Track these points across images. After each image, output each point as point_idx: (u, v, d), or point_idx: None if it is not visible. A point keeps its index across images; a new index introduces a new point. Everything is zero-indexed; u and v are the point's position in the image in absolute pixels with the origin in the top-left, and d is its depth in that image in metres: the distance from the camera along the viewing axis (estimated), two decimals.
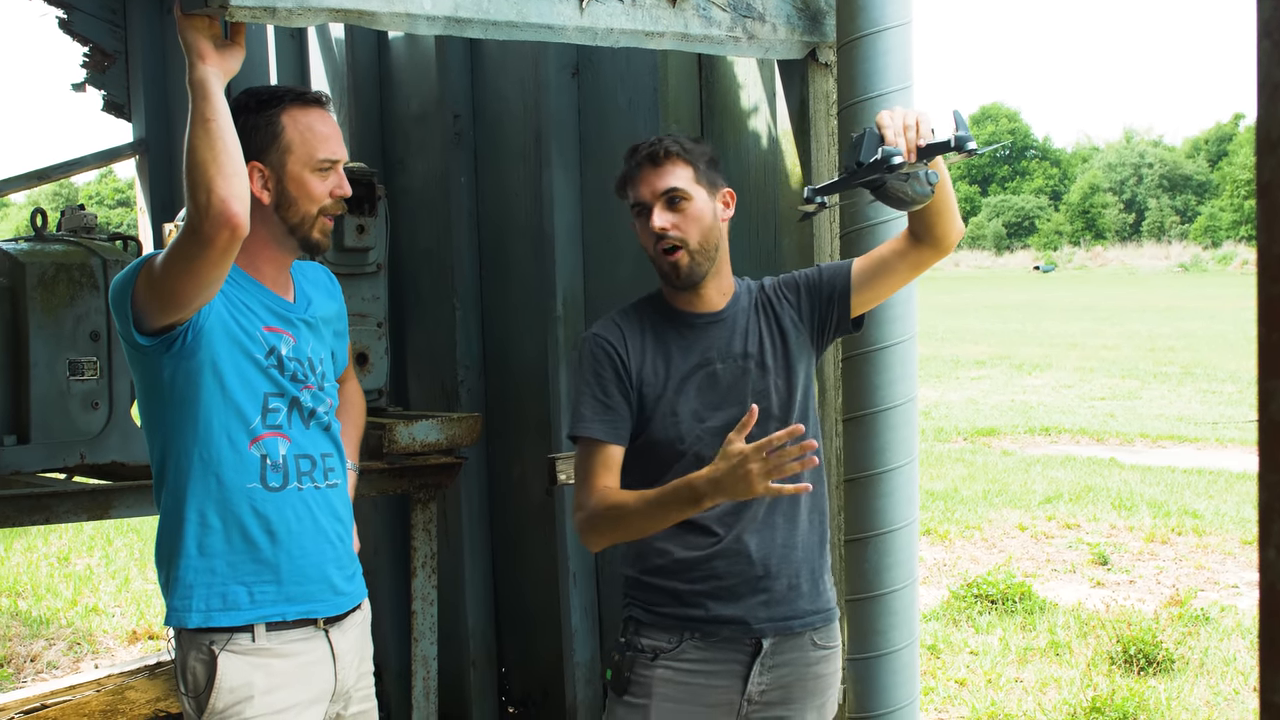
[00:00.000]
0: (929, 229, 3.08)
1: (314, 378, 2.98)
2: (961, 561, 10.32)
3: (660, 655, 3.12)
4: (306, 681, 2.93)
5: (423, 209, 5.90)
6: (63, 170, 6.74)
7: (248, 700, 2.85)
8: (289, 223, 2.90)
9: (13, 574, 10.22)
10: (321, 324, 3.06)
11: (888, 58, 3.93)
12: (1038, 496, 12.67)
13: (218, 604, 2.85)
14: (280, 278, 2.99)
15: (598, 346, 3.13)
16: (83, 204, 5.11)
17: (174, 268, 2.64)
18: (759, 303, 3.24)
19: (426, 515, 4.86)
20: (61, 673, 7.76)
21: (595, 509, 3.04)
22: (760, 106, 4.53)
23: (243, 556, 2.86)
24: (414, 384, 6.00)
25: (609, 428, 3.08)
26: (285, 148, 2.87)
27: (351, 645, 3.05)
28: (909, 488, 4.06)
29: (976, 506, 12.28)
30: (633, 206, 3.11)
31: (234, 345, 2.82)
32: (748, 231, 4.58)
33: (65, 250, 4.77)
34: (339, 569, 3.02)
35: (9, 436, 4.55)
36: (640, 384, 3.10)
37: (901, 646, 4.07)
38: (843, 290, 3.21)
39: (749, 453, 2.73)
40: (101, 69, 6.93)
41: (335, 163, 2.93)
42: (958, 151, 2.84)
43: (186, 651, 2.88)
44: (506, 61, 5.49)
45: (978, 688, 7.12)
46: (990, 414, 19.04)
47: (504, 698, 5.88)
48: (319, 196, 2.90)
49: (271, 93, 2.95)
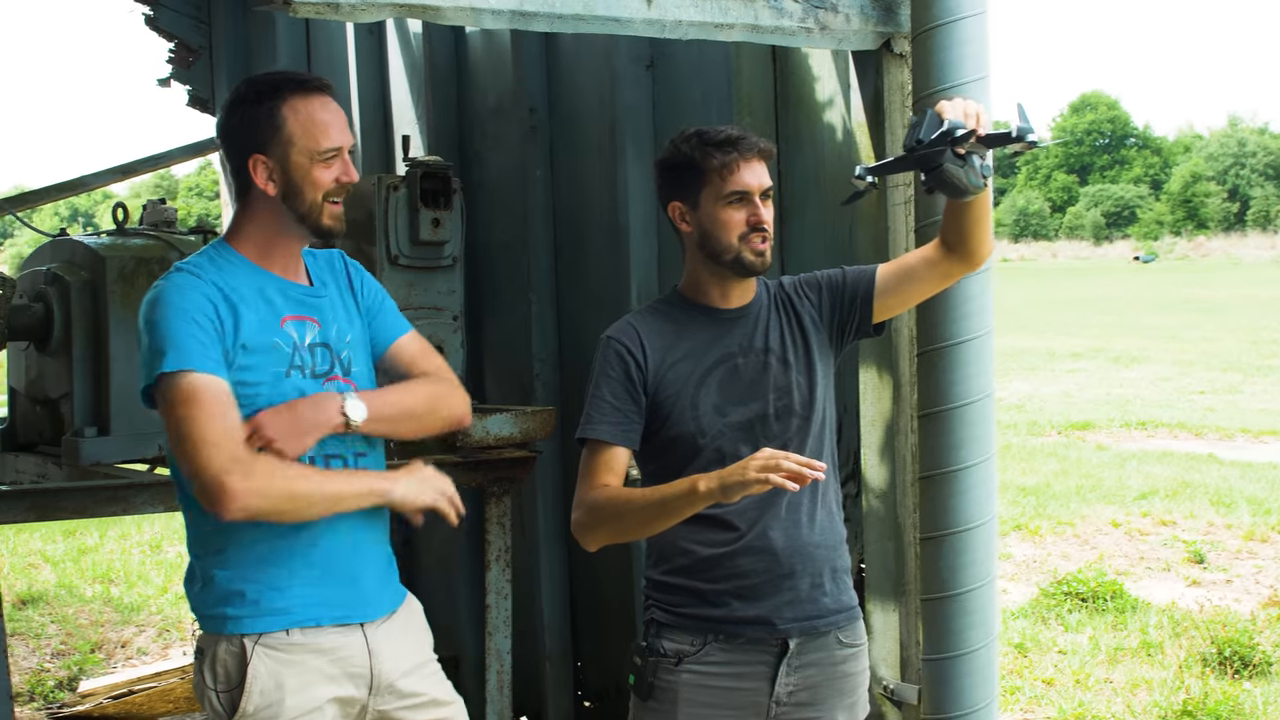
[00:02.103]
0: (964, 238, 3.06)
1: (340, 365, 2.94)
2: (1052, 558, 10.17)
3: (684, 659, 3.08)
4: (338, 675, 2.90)
5: (499, 202, 5.90)
6: (148, 164, 6.83)
7: (279, 702, 2.83)
8: (297, 212, 2.88)
9: (106, 561, 10.40)
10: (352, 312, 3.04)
11: (964, 48, 3.86)
12: (1133, 492, 12.45)
13: (250, 610, 2.83)
14: (291, 264, 2.96)
15: (612, 349, 3.10)
16: (164, 198, 5.16)
17: (181, 442, 2.74)
18: (779, 300, 3.21)
19: (500, 509, 4.85)
20: (150, 659, 7.89)
21: (593, 506, 3.02)
22: (835, 98, 4.47)
23: (276, 561, 2.84)
24: (490, 377, 6.00)
25: (616, 430, 3.05)
26: (287, 140, 2.84)
27: (392, 641, 3.00)
28: (987, 485, 3.98)
29: (1069, 502, 12.10)
30: (730, 194, 3.04)
31: (262, 366, 2.82)
32: (822, 225, 4.53)
33: (145, 244, 4.83)
34: (374, 572, 2.99)
35: (90, 429, 4.61)
36: (659, 382, 3.07)
37: (978, 647, 3.99)
38: (865, 294, 3.18)
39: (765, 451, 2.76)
40: (186, 64, 7.00)
41: (339, 150, 2.89)
42: (1019, 141, 2.81)
43: (216, 644, 2.86)
44: (581, 55, 5.48)
45: (1065, 688, 7.00)
46: (1085, 407, 18.77)
47: (580, 691, 5.87)
48: (324, 184, 2.87)
49: (271, 82, 2.90)
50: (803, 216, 4.63)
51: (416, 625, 3.12)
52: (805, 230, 4.63)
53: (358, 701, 2.94)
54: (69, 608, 9.03)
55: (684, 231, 3.13)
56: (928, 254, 3.16)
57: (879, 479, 4.29)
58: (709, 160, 3.04)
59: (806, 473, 2.70)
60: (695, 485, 2.82)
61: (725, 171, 3.03)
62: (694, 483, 2.83)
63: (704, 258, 3.11)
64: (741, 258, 3.07)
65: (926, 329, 3.93)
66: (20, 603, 9.12)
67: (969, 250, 3.08)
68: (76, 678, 7.43)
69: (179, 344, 2.72)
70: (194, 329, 2.74)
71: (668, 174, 3.14)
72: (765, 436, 3.06)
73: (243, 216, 2.93)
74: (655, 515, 2.95)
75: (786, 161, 4.58)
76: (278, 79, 2.91)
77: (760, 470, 2.72)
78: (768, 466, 2.72)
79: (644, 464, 3.15)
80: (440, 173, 4.92)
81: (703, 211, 3.07)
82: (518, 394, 5.76)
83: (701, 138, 3.07)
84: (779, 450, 2.78)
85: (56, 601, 9.21)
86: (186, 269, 2.84)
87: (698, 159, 3.05)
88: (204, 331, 2.75)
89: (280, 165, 2.84)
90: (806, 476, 2.71)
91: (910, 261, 3.20)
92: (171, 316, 2.74)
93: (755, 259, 3.08)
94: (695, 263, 3.15)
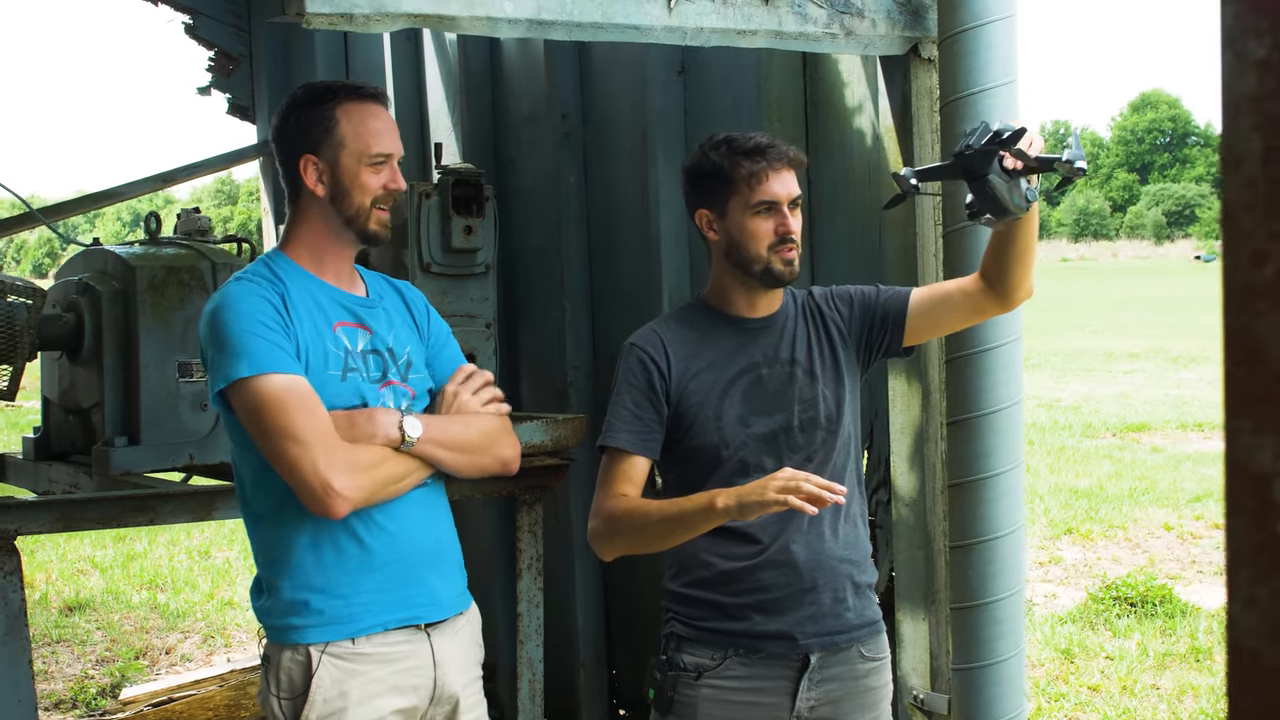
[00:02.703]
0: (1003, 273, 3.01)
1: (396, 369, 2.96)
2: (1102, 562, 10.05)
3: (704, 674, 3.05)
4: (403, 686, 2.91)
5: (533, 209, 5.90)
6: (186, 173, 6.86)
7: (342, 712, 2.84)
8: (344, 215, 2.90)
9: (154, 567, 10.48)
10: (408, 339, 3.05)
11: (991, 52, 3.83)
12: (1186, 495, 12.30)
13: (315, 620, 2.84)
14: (344, 271, 2.99)
15: (635, 358, 3.09)
16: (197, 207, 5.18)
17: (276, 444, 2.75)
18: (807, 310, 3.17)
19: (532, 517, 4.84)
20: (195, 665, 7.94)
21: (610, 515, 2.99)
22: (864, 104, 4.44)
23: (340, 569, 2.84)
24: (525, 384, 6.00)
25: (636, 439, 3.03)
26: (339, 142, 2.88)
27: (456, 650, 3.01)
28: (1015, 493, 3.95)
29: (1122, 505, 11.97)
30: (759, 204, 3.01)
31: (315, 370, 2.83)
32: (851, 231, 4.50)
33: (176, 254, 4.84)
34: (439, 573, 2.99)
35: (120, 438, 4.63)
36: (682, 391, 3.04)
37: (1008, 657, 3.96)
38: (898, 316, 3.13)
39: (786, 472, 2.73)
40: (226, 73, 7.04)
41: (389, 157, 2.93)
42: (1068, 166, 2.78)
43: (281, 653, 2.88)
44: (614, 61, 5.47)
45: (1111, 694, 6.91)
46: (1142, 409, 18.57)
47: (615, 700, 5.85)
48: (372, 189, 2.90)
49: (327, 87, 2.96)
50: (832, 223, 4.60)
51: (475, 637, 3.13)
52: (835, 236, 4.60)
53: (419, 711, 2.96)
54: (115, 614, 9.10)
55: (711, 240, 3.10)
56: (964, 285, 3.11)
57: (909, 487, 4.26)
58: (738, 169, 3.00)
59: (826, 496, 2.67)
60: (713, 501, 2.79)
61: (754, 181, 3.00)
62: (712, 499, 2.80)
63: (731, 266, 3.09)
64: (771, 268, 3.04)
65: (955, 335, 3.90)
66: (67, 609, 9.20)
67: (1007, 288, 3.03)
68: (119, 685, 7.47)
69: (252, 349, 2.74)
70: (264, 330, 2.76)
71: (695, 181, 3.11)
72: (789, 448, 3.04)
73: (295, 222, 2.96)
74: (672, 529, 2.93)
75: (816, 167, 4.55)
76: (334, 85, 2.98)
77: (780, 491, 2.69)
78: (787, 488, 2.69)
79: (666, 473, 3.13)
80: (472, 180, 4.92)
81: (730, 220, 3.04)
82: (552, 401, 5.76)
83: (730, 145, 3.03)
84: (799, 471, 2.75)
85: (103, 608, 9.28)
86: (245, 277, 2.87)
87: (726, 167, 3.01)
88: (274, 333, 2.77)
89: (330, 167, 2.88)
90: (826, 500, 2.68)
91: (947, 289, 3.16)
92: (240, 322, 2.76)
93: (784, 269, 3.05)
94: (721, 271, 3.13)
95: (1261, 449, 0.89)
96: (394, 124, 2.99)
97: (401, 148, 2.99)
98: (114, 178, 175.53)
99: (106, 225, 77.67)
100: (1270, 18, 0.86)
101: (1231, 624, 0.91)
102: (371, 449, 2.81)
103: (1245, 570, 0.91)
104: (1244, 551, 0.91)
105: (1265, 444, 0.88)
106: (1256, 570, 0.89)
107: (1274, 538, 0.88)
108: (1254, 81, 0.87)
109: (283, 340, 2.78)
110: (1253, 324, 0.89)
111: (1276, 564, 0.88)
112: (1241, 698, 0.91)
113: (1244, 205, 0.90)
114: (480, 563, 6.00)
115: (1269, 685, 0.88)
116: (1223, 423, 0.92)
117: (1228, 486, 0.93)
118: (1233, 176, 0.91)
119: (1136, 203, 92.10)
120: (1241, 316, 0.90)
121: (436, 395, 3.05)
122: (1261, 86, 0.87)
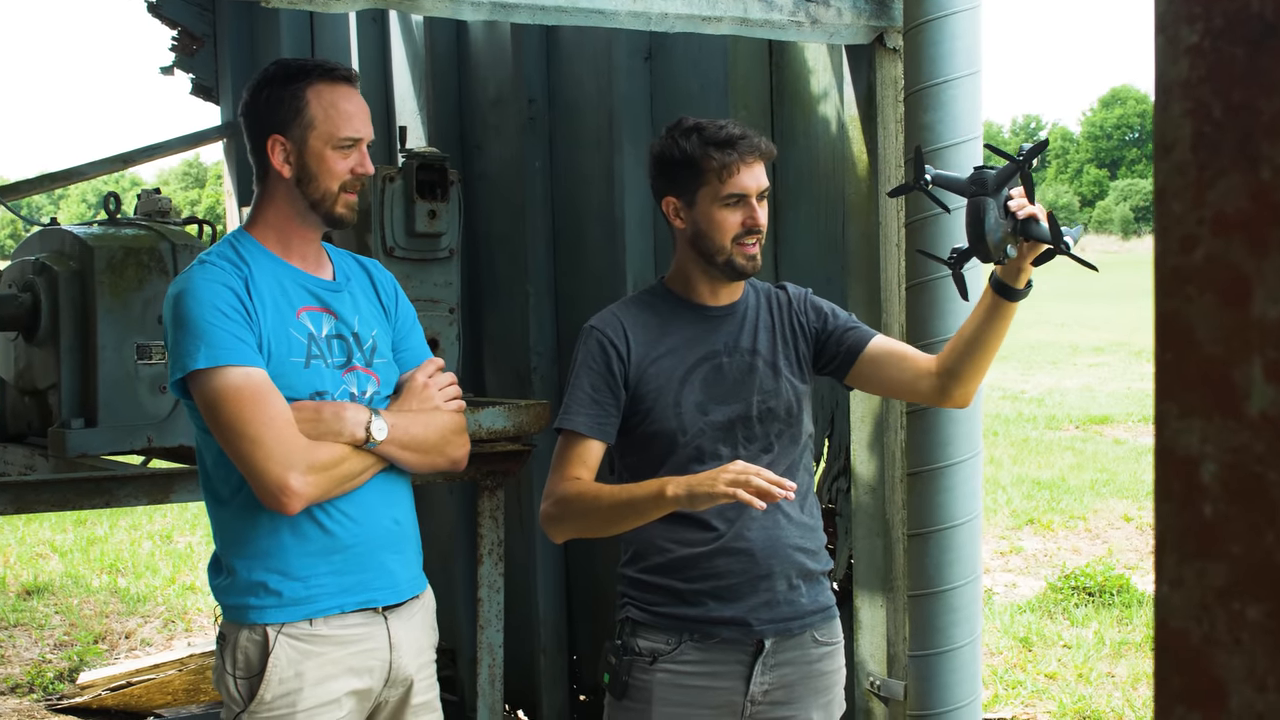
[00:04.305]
0: (958, 364, 3.02)
1: (361, 354, 2.95)
2: (1062, 552, 10.11)
3: (659, 658, 3.06)
4: (359, 668, 2.91)
5: (498, 194, 5.88)
6: (147, 154, 6.82)
7: (298, 692, 2.84)
8: (310, 198, 2.88)
9: (115, 551, 10.42)
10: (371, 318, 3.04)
11: (956, 43, 3.84)
12: (1146, 487, 12.35)
13: (273, 601, 2.84)
14: (310, 252, 2.97)
15: (595, 340, 3.08)
16: (158, 189, 5.15)
17: (232, 441, 2.75)
18: (776, 302, 3.19)
19: (493, 503, 4.83)
20: (154, 650, 7.90)
21: (561, 498, 3.00)
22: (829, 92, 4.44)
23: (300, 551, 2.84)
24: (489, 370, 5.99)
25: (592, 423, 3.03)
26: (308, 123, 2.86)
27: (411, 633, 3.02)
28: (973, 482, 3.96)
29: (1083, 496, 12.04)
30: (729, 196, 3.00)
31: (278, 358, 2.82)
32: (814, 218, 4.50)
33: (135, 235, 4.81)
34: (398, 556, 2.99)
35: (77, 420, 4.60)
36: (641, 375, 3.05)
37: (963, 644, 3.97)
38: (850, 351, 3.14)
39: (738, 465, 2.74)
40: (190, 52, 6.99)
41: (358, 141, 2.91)
42: (1056, 241, 2.78)
43: (238, 632, 2.87)
44: (581, 46, 5.45)
45: (1068, 682, 6.96)
46: (1105, 402, 18.68)
47: (575, 685, 5.85)
48: (339, 174, 2.88)
49: (300, 66, 2.93)
50: (796, 210, 4.61)
51: (430, 621, 3.13)
52: (798, 224, 4.60)
53: (374, 693, 2.97)
54: (74, 598, 9.05)
55: (677, 227, 3.10)
56: (919, 361, 3.12)
57: (868, 474, 4.27)
58: (708, 160, 2.99)
59: (776, 491, 2.68)
60: (664, 490, 2.80)
61: (725, 174, 2.99)
62: (662, 487, 2.81)
63: (695, 255, 3.09)
64: (733, 260, 3.04)
65: (916, 324, 3.91)
66: (25, 593, 9.14)
67: (958, 379, 3.04)
68: (77, 669, 7.43)
69: (212, 338, 2.73)
70: (225, 321, 2.74)
71: (663, 168, 3.09)
72: (746, 438, 3.05)
73: (261, 202, 2.94)
74: (622, 515, 2.94)
75: (780, 155, 4.52)
76: (307, 65, 2.94)
77: (730, 484, 2.70)
78: (737, 481, 2.70)
79: (622, 456, 3.13)
80: (436, 164, 4.90)
81: (698, 210, 3.04)
82: (515, 386, 5.75)
83: (701, 135, 3.02)
84: (750, 465, 2.75)
85: (62, 592, 9.23)
86: (209, 260, 2.85)
87: (697, 157, 3.00)
88: (235, 323, 2.75)
89: (298, 148, 2.86)
90: (775, 495, 2.69)
91: (904, 353, 3.16)
92: (201, 310, 2.75)
93: (746, 263, 3.05)
94: (685, 258, 3.12)
95: (1189, 433, 0.89)
96: (365, 107, 2.96)
97: (372, 132, 2.97)
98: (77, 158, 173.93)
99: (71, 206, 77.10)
100: (1203, 4, 0.87)
101: (1160, 604, 0.92)
102: (333, 447, 2.81)
103: (1172, 553, 0.92)
104: (1171, 534, 0.92)
105: (1193, 428, 0.89)
106: (1182, 552, 0.90)
107: (1200, 520, 0.89)
108: (1185, 67, 0.88)
109: (243, 331, 2.77)
110: (1182, 308, 0.89)
111: (1202, 546, 0.89)
112: (1170, 678, 0.91)
113: (1174, 190, 0.91)
114: (441, 548, 6.00)
115: (1195, 665, 0.89)
116: (1154, 407, 0.93)
117: (1157, 470, 0.94)
118: (1163, 161, 0.92)
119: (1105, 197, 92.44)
120: (1171, 301, 0.91)
121: (404, 382, 3.05)
122: (1193, 72, 0.88)
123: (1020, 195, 2.78)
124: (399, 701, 3.03)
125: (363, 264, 3.13)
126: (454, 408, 3.07)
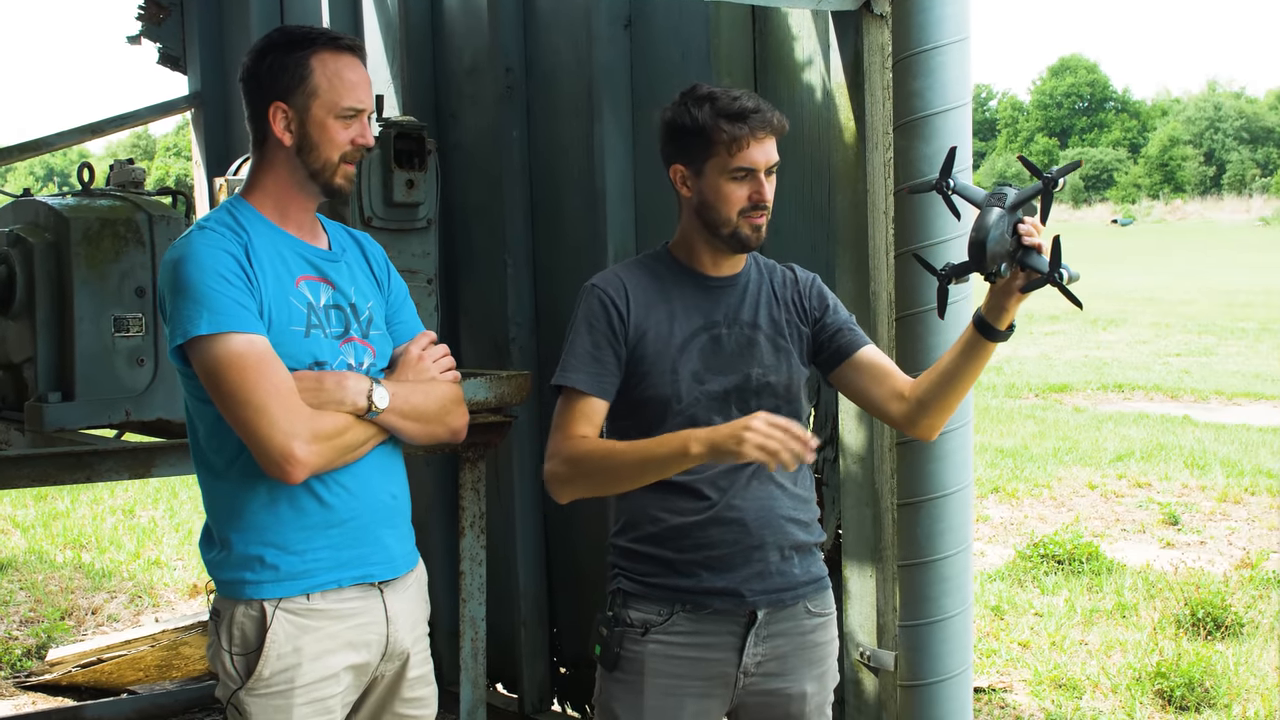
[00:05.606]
0: (935, 392, 3.04)
1: (358, 325, 2.92)
2: (1029, 520, 10.19)
3: (651, 629, 3.04)
4: (356, 642, 2.89)
5: (475, 164, 5.82)
6: (115, 124, 6.72)
7: (296, 667, 2.82)
8: (310, 168, 2.85)
9: (78, 526, 10.33)
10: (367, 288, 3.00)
11: (944, 8, 3.83)
12: (1109, 454, 12.48)
13: (270, 575, 2.80)
14: (307, 221, 2.94)
15: (596, 298, 3.05)
16: (132, 159, 5.06)
17: (235, 409, 2.71)
18: (783, 280, 3.18)
19: (475, 475, 4.79)
20: (122, 626, 7.83)
21: (571, 457, 2.97)
22: (814, 59, 4.41)
23: (298, 525, 2.81)
24: (466, 341, 5.94)
25: (594, 380, 3.00)
26: (311, 91, 2.82)
27: (406, 606, 3.00)
28: (963, 452, 3.96)
29: (1046, 464, 12.13)
30: (737, 169, 2.97)
31: (279, 326, 2.78)
32: (800, 186, 4.47)
33: (111, 205, 4.73)
34: (394, 530, 2.97)
35: (54, 394, 4.53)
36: (640, 338, 3.02)
37: (954, 614, 3.98)
38: (840, 351, 3.16)
39: (761, 420, 2.72)
40: (157, 21, 6.89)
41: (360, 111, 2.87)
42: (1053, 272, 2.83)
43: (234, 607, 2.83)
44: (559, 14, 5.40)
45: (1041, 650, 7.01)
46: (1063, 370, 18.83)
47: (555, 658, 5.84)
48: (340, 143, 2.85)
49: (305, 34, 2.88)
50: (781, 178, 4.55)
51: (423, 594, 3.12)
52: (784, 192, 4.52)
53: (371, 667, 2.94)
54: (39, 574, 8.96)
55: (683, 195, 3.07)
56: (899, 381, 3.12)
57: (857, 444, 4.26)
58: (719, 132, 2.96)
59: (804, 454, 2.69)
60: (687, 447, 2.79)
61: (735, 147, 2.96)
62: (685, 443, 2.80)
63: (700, 225, 3.06)
64: (738, 232, 3.02)
65: (905, 293, 3.90)
66: None
67: (926, 411, 3.06)
68: (45, 646, 7.35)
69: (214, 304, 2.69)
70: (226, 287, 2.71)
71: (674, 135, 3.05)
72: (740, 410, 3.02)
73: (259, 169, 2.90)
74: (641, 471, 2.92)
75: None
76: (312, 33, 2.90)
77: (758, 448, 2.68)
78: (765, 447, 2.68)
79: (612, 419, 3.09)
80: (414, 133, 4.84)
81: (706, 181, 3.01)
82: (494, 358, 5.71)
83: (714, 105, 2.98)
84: (773, 416, 2.73)
85: (26, 568, 9.13)
86: (208, 226, 2.81)
87: (708, 128, 2.97)
88: (237, 289, 2.72)
89: (300, 116, 2.82)
90: (803, 457, 2.69)
91: (889, 370, 3.17)
92: (202, 275, 2.70)
93: (751, 234, 3.03)
94: (690, 227, 3.10)
95: None
96: (368, 79, 2.92)
97: (373, 104, 2.94)
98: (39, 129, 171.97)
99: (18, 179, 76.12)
100: None
101: None
102: (336, 416, 2.78)
103: None
104: None
105: None
106: None
107: None
108: None
109: (244, 297, 2.73)
110: None
111: None
112: None
113: None
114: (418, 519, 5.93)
115: None
116: None
117: None
118: None
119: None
120: None
121: (399, 355, 3.02)
122: None
123: (1032, 223, 2.80)
124: (396, 674, 3.01)
125: (354, 236, 3.10)
126: (449, 379, 3.04)
